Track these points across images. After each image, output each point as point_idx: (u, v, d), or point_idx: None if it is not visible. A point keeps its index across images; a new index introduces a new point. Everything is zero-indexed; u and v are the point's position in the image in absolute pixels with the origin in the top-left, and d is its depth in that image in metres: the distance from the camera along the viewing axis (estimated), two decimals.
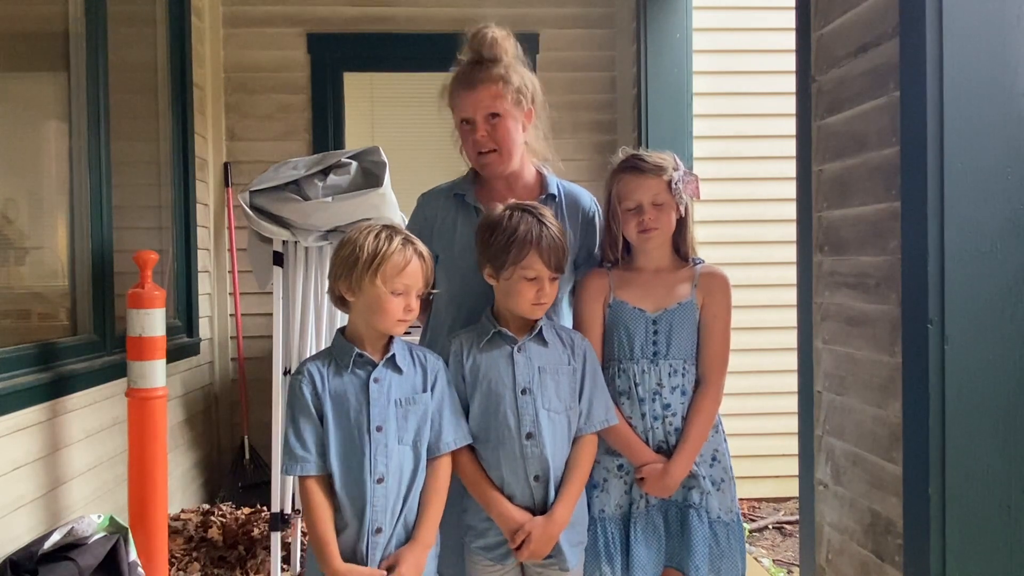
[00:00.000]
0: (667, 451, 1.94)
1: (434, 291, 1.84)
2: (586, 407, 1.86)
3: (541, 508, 1.81)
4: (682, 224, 1.99)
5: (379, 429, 1.71)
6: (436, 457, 1.78)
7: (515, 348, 1.83)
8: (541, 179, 2.10)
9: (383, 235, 1.74)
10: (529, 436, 1.79)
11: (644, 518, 1.95)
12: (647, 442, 1.94)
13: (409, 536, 1.74)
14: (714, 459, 1.98)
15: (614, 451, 1.96)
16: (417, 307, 1.76)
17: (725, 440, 2.01)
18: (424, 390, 1.78)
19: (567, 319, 2.08)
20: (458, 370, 1.85)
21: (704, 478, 1.94)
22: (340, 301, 1.80)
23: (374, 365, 1.75)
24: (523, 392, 1.81)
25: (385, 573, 1.69)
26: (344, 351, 1.77)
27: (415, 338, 2.15)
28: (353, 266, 1.73)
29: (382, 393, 1.73)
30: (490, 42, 1.98)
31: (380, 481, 1.70)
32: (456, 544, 1.92)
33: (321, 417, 1.73)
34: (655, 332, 1.95)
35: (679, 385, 1.94)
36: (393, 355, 1.77)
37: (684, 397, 1.94)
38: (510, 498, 1.81)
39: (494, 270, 1.83)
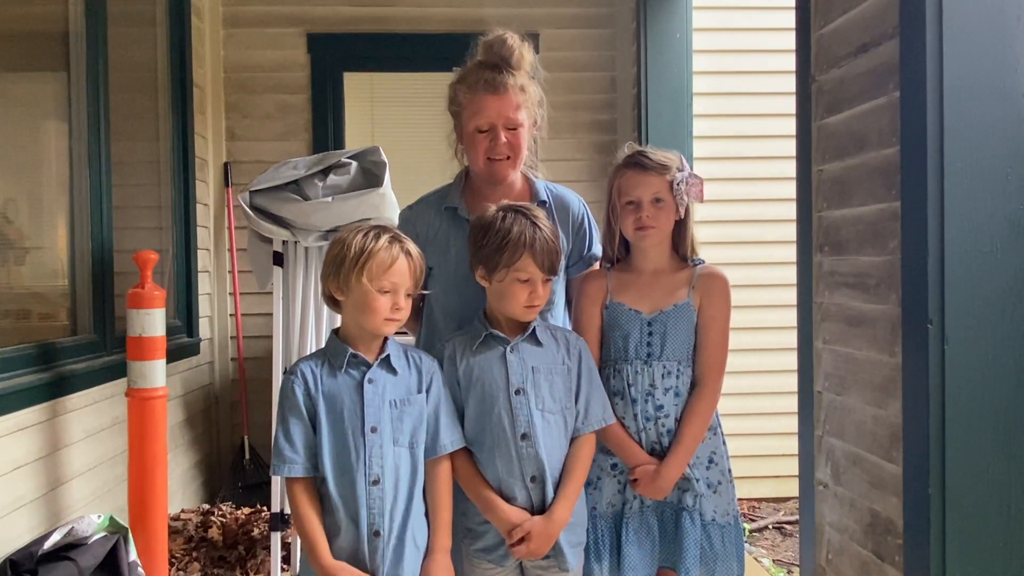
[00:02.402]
0: (660, 452, 1.94)
1: (425, 291, 1.83)
2: (583, 407, 1.85)
3: (539, 509, 1.81)
4: (681, 225, 1.99)
5: (373, 430, 1.70)
6: (435, 460, 1.78)
7: (508, 349, 1.83)
8: (530, 185, 2.10)
9: (371, 233, 1.73)
10: (524, 437, 1.79)
11: (637, 518, 1.95)
12: (640, 443, 1.94)
13: (414, 541, 1.74)
14: (711, 461, 1.97)
15: (608, 450, 1.96)
16: (406, 306, 1.75)
17: (724, 443, 2.01)
18: (419, 391, 1.77)
19: (561, 320, 2.08)
20: (452, 373, 1.84)
21: (698, 481, 1.94)
22: (331, 301, 1.79)
23: (368, 366, 1.75)
24: (517, 392, 1.80)
25: None
26: (338, 351, 1.76)
27: (409, 339, 2.15)
28: (341, 264, 1.73)
29: (376, 394, 1.73)
30: (516, 51, 1.98)
31: (375, 483, 1.69)
32: (455, 547, 1.91)
33: (314, 418, 1.72)
34: (650, 334, 1.95)
35: (672, 387, 1.94)
36: (387, 356, 1.77)
37: (678, 399, 1.94)
38: (508, 500, 1.80)
39: (486, 272, 1.83)
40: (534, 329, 1.86)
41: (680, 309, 1.95)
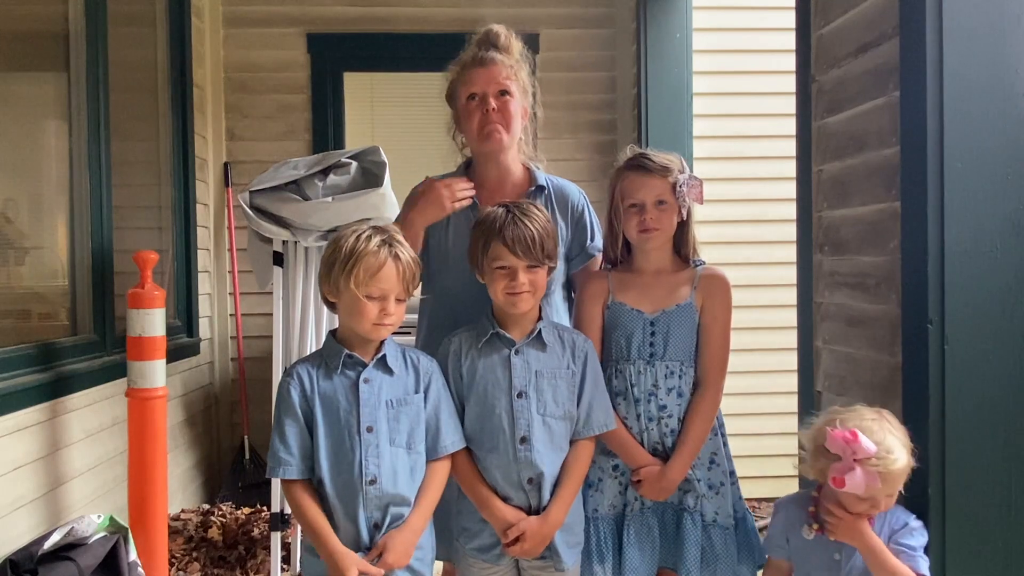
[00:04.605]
0: (662, 453, 1.94)
1: (422, 296, 1.83)
2: (585, 411, 1.85)
3: (536, 510, 1.81)
4: (683, 227, 1.99)
5: (369, 430, 1.70)
6: (435, 460, 1.78)
7: (512, 351, 1.83)
8: (530, 173, 2.14)
9: (363, 236, 1.71)
10: (523, 440, 1.79)
11: (638, 519, 1.95)
12: (642, 443, 1.94)
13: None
14: (712, 462, 1.97)
15: (609, 451, 1.96)
16: (397, 311, 1.73)
17: (725, 443, 2.00)
18: (417, 391, 1.77)
19: (561, 313, 2.09)
20: (456, 369, 1.85)
21: (699, 481, 1.94)
22: (327, 302, 1.79)
23: (364, 366, 1.74)
24: (519, 396, 1.80)
25: (381, 572, 1.68)
26: (334, 353, 1.76)
27: (411, 339, 2.16)
28: (332, 267, 1.72)
29: (372, 394, 1.72)
30: (502, 36, 2.07)
31: (372, 482, 1.69)
32: (451, 546, 1.92)
33: (311, 420, 1.72)
34: (652, 333, 1.95)
35: (675, 387, 1.94)
36: (384, 356, 1.76)
37: (680, 399, 1.94)
38: (505, 500, 1.81)
39: (478, 267, 1.84)
40: (540, 331, 1.85)
41: (683, 309, 1.95)
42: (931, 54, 1.68)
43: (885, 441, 1.60)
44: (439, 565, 1.95)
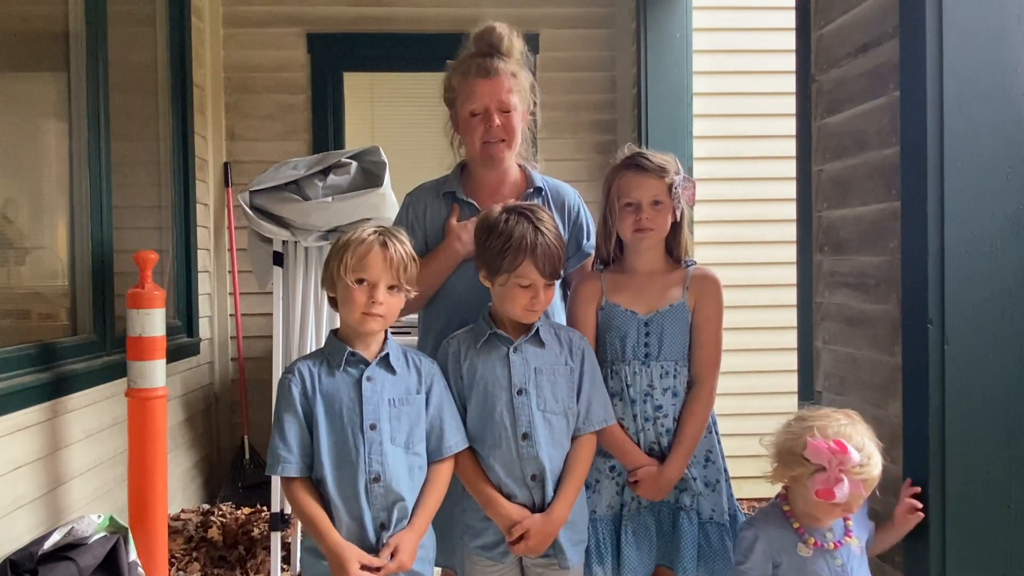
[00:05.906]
0: (658, 452, 1.94)
1: (412, 291, 1.80)
2: (584, 407, 1.86)
3: (540, 507, 1.81)
4: (676, 228, 1.99)
5: (373, 427, 1.70)
6: (439, 461, 1.78)
7: (511, 349, 1.83)
8: (526, 175, 2.14)
9: (362, 231, 1.75)
10: (525, 437, 1.79)
11: (636, 520, 1.95)
12: (638, 443, 1.94)
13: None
14: (707, 460, 1.98)
15: (606, 452, 1.96)
16: (388, 302, 1.72)
17: (719, 441, 2.01)
18: (418, 392, 1.77)
19: (559, 311, 2.09)
20: (455, 371, 1.85)
21: (695, 480, 1.94)
22: (330, 300, 1.81)
23: (367, 364, 1.75)
24: (519, 393, 1.80)
25: (382, 560, 1.67)
26: (336, 350, 1.76)
27: (413, 339, 2.16)
28: (329, 261, 1.75)
29: (375, 391, 1.73)
30: (505, 38, 2.04)
31: (376, 480, 1.69)
32: (455, 545, 1.92)
33: (311, 418, 1.72)
34: (647, 334, 1.95)
35: (670, 387, 1.94)
36: (387, 355, 1.76)
37: (675, 399, 1.94)
38: (509, 498, 1.81)
39: (489, 274, 1.83)
40: (537, 329, 1.86)
41: (676, 309, 1.95)
42: (931, 54, 1.68)
43: (865, 447, 1.60)
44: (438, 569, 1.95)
